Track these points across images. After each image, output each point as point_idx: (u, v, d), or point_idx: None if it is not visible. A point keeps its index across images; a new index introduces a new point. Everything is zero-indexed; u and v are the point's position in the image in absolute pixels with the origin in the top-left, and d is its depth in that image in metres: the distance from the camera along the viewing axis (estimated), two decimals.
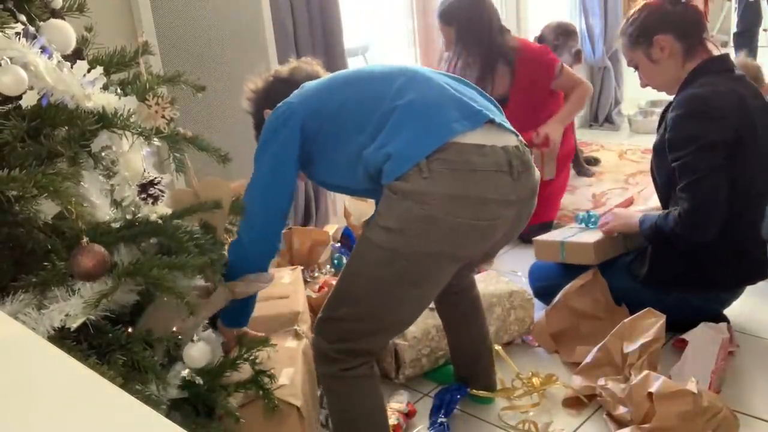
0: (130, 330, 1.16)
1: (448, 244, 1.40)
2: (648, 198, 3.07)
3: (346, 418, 1.55)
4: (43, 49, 1.04)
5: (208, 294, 1.41)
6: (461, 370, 1.92)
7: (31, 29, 1.06)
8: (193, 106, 2.33)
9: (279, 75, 1.76)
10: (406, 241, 1.38)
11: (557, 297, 2.16)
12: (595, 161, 3.99)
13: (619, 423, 1.73)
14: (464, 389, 1.88)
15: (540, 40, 3.48)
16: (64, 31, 1.13)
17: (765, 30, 4.71)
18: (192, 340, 1.26)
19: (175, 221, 1.20)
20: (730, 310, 2.13)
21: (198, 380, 1.25)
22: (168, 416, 1.15)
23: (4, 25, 0.99)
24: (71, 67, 1.08)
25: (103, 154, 1.13)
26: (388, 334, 1.59)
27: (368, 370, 1.51)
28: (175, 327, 1.29)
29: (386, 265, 1.41)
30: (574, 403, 1.86)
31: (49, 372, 0.62)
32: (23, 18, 1.06)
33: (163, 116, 1.17)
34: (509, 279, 2.29)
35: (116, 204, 1.18)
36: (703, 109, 1.90)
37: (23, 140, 1.04)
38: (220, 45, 2.46)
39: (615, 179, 3.72)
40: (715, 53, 2.04)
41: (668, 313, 1.87)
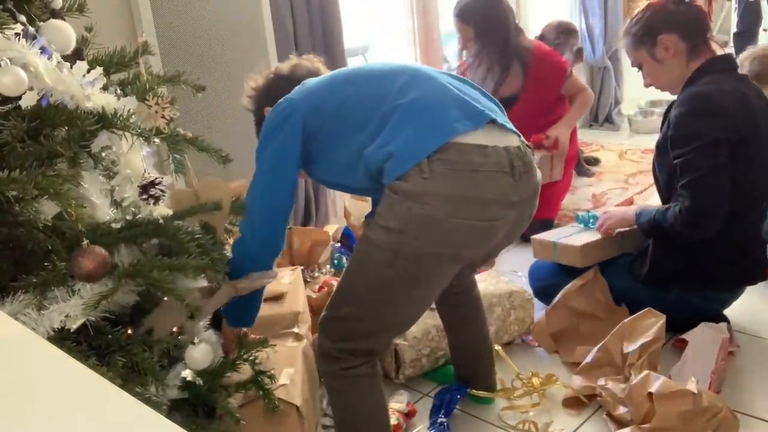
0: (129, 331, 1.16)
1: (449, 244, 1.40)
2: (647, 199, 3.08)
3: (348, 417, 1.55)
4: (43, 50, 1.04)
5: (211, 294, 1.41)
6: (461, 370, 1.92)
7: (31, 30, 1.06)
8: (193, 106, 2.33)
9: (280, 72, 1.75)
10: (406, 241, 1.38)
11: (557, 297, 2.15)
12: (595, 161, 3.99)
13: (619, 423, 1.72)
14: (464, 389, 1.87)
15: (541, 40, 3.47)
16: (64, 32, 1.13)
17: (765, 30, 4.70)
18: (193, 342, 1.26)
19: (176, 222, 1.20)
20: (730, 310, 2.13)
21: (198, 381, 1.25)
22: (168, 417, 1.15)
23: (4, 26, 0.99)
24: (71, 67, 1.08)
25: (103, 154, 1.13)
26: (390, 333, 1.58)
27: (370, 369, 1.50)
28: (179, 325, 1.29)
29: (387, 265, 1.40)
30: (574, 403, 1.86)
31: (49, 372, 0.62)
32: (23, 18, 1.06)
33: (163, 116, 1.17)
34: (509, 279, 2.29)
35: (116, 204, 1.18)
36: (706, 106, 1.90)
37: (23, 141, 1.04)
38: (220, 45, 2.46)
39: (615, 179, 3.72)
40: (719, 53, 2.04)
41: (668, 313, 1.87)
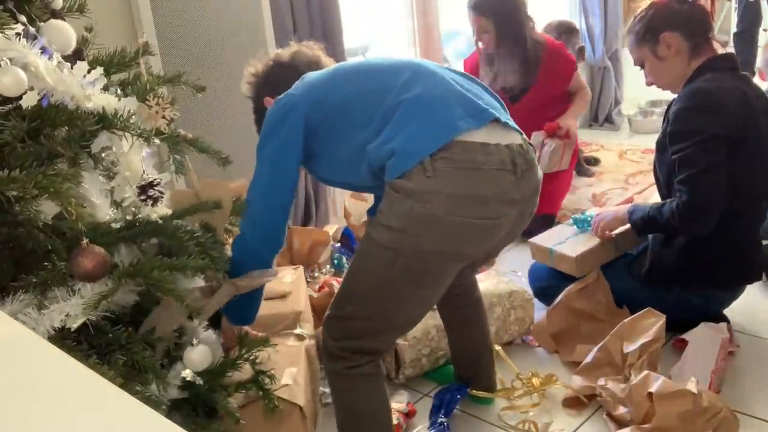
0: (130, 330, 1.16)
1: (451, 243, 1.39)
2: (648, 199, 3.07)
3: (351, 416, 1.55)
4: (43, 50, 1.04)
5: (212, 293, 1.41)
6: (462, 370, 1.92)
7: (32, 30, 1.06)
8: (193, 107, 2.33)
9: (279, 59, 1.72)
10: (408, 240, 1.37)
11: (559, 297, 2.15)
12: (595, 161, 3.99)
13: (619, 423, 1.72)
14: (464, 389, 1.87)
15: None
16: (65, 32, 1.13)
17: (765, 30, 4.69)
18: (192, 344, 1.26)
19: (176, 221, 1.20)
20: (730, 310, 2.13)
21: (198, 381, 1.25)
22: (168, 416, 1.15)
23: (5, 26, 0.99)
24: (71, 67, 1.08)
25: (103, 154, 1.13)
26: (393, 333, 1.57)
27: (374, 369, 1.50)
28: (180, 323, 1.29)
29: (389, 264, 1.39)
30: (574, 403, 1.86)
31: (49, 372, 0.62)
32: (23, 18, 1.06)
33: (164, 117, 1.17)
34: (509, 279, 2.29)
35: (116, 204, 1.18)
36: (706, 102, 1.90)
37: (23, 141, 1.04)
38: (220, 45, 2.46)
39: (615, 179, 3.71)
40: (721, 52, 2.04)
41: (668, 313, 1.87)
